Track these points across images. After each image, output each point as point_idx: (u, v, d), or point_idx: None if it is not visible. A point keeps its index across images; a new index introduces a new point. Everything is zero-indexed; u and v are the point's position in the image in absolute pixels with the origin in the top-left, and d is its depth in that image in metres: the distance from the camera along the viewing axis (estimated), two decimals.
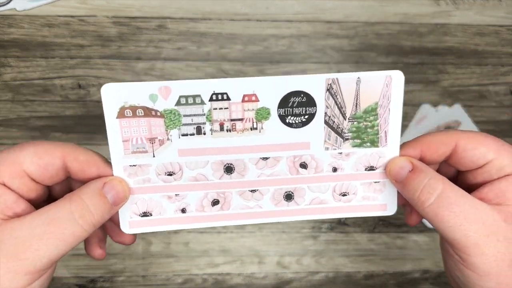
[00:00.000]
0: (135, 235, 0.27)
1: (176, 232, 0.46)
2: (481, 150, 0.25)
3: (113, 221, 0.27)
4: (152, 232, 0.45)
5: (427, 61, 0.47)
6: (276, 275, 0.46)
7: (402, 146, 0.27)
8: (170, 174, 0.27)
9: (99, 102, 0.45)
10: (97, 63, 0.45)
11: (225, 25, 0.46)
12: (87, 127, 0.45)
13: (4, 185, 0.23)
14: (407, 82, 0.47)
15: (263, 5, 0.46)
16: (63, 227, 0.22)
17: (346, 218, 0.46)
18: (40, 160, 0.23)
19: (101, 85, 0.45)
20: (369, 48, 0.47)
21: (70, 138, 0.45)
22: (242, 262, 0.46)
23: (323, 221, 0.46)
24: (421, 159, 0.26)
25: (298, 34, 0.46)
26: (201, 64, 0.46)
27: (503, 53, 0.48)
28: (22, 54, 0.45)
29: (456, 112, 0.46)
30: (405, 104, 0.47)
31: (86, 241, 0.27)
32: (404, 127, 0.47)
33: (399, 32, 0.47)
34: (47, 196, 0.26)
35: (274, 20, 0.46)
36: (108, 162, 0.25)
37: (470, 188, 0.25)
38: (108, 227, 0.28)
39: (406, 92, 0.47)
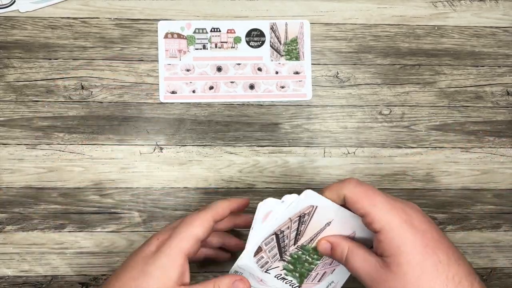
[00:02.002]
0: None
1: None
2: (357, 206, 0.32)
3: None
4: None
5: (424, 62, 0.48)
6: None
7: (325, 189, 0.35)
8: (188, 70, 0.45)
9: (102, 103, 0.46)
10: (99, 64, 0.46)
11: None
12: (90, 127, 0.46)
13: (187, 256, 0.33)
14: (404, 83, 0.47)
15: (263, 7, 0.47)
16: None
17: None
18: (207, 226, 0.35)
19: (103, 86, 0.46)
20: (367, 50, 0.47)
21: (73, 138, 0.45)
22: None
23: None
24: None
25: None
26: None
27: (499, 54, 0.48)
28: (25, 55, 0.46)
29: (308, 198, 0.35)
30: (402, 105, 0.47)
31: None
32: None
33: (396, 34, 0.48)
34: None
35: None
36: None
37: None
38: None
39: (402, 93, 0.47)
